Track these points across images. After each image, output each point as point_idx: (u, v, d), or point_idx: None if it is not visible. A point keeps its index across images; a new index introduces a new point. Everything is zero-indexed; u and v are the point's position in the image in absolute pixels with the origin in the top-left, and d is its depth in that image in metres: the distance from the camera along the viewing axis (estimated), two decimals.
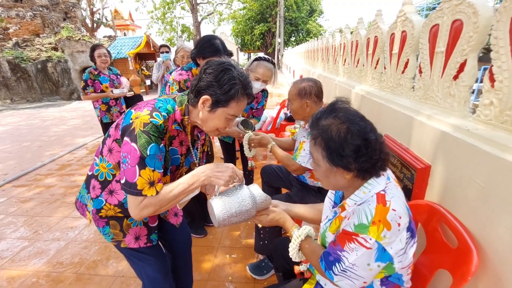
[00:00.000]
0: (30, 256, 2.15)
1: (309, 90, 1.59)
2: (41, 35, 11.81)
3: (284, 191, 2.10)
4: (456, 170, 1.02)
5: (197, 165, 1.19)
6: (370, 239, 0.74)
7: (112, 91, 3.28)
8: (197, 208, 2.30)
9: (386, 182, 0.83)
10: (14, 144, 5.17)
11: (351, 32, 2.61)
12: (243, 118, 1.79)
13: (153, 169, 0.88)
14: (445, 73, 1.18)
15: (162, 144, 0.91)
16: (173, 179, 1.08)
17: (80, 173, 3.75)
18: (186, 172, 1.16)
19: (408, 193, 1.32)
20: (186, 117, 0.98)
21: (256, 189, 0.99)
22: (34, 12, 11.58)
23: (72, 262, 2.07)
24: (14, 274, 1.99)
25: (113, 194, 1.03)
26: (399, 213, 0.76)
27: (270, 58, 2.02)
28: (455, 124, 1.06)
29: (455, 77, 1.12)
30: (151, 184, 0.88)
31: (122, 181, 0.89)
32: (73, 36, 11.24)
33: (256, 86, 2.01)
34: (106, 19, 20.82)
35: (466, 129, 0.99)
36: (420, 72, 1.38)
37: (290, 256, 0.98)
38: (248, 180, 2.75)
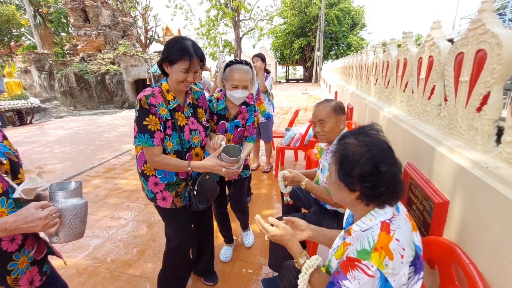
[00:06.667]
0: (73, 249, 2.44)
1: (342, 106, 1.59)
2: (102, 51, 13.43)
3: (304, 211, 2.09)
4: (473, 210, 0.95)
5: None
6: (372, 266, 0.74)
7: None
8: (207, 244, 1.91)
9: (393, 213, 0.84)
10: (72, 147, 5.91)
11: (384, 51, 2.55)
12: (223, 147, 1.37)
13: None
14: (469, 104, 1.12)
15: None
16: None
17: (122, 177, 4.12)
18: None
19: (427, 228, 1.25)
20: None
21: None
22: (98, 31, 13.26)
23: (106, 259, 2.29)
24: (59, 263, 2.26)
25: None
26: (403, 244, 0.76)
27: (244, 60, 1.67)
28: (475, 159, 1.00)
29: (479, 109, 1.06)
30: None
31: None
32: (128, 51, 12.59)
33: (237, 95, 1.63)
34: (158, 36, 22.89)
35: (485, 167, 0.93)
36: (445, 100, 1.32)
37: (298, 286, 0.93)
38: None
